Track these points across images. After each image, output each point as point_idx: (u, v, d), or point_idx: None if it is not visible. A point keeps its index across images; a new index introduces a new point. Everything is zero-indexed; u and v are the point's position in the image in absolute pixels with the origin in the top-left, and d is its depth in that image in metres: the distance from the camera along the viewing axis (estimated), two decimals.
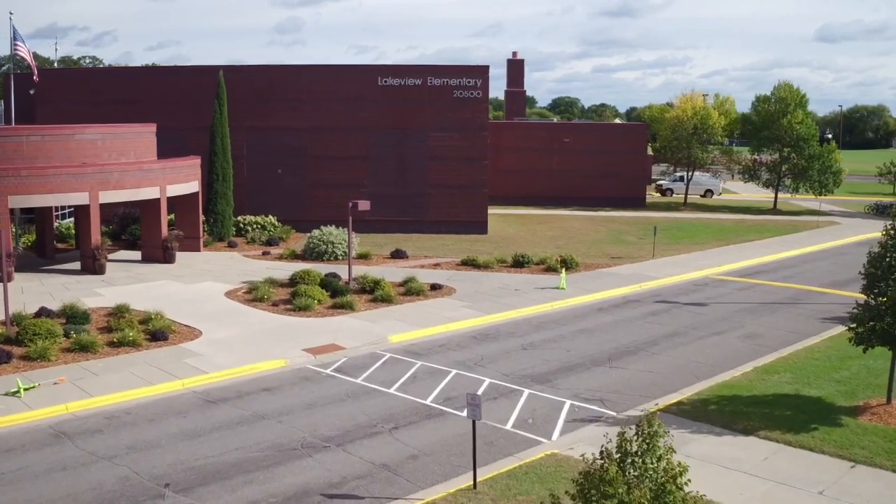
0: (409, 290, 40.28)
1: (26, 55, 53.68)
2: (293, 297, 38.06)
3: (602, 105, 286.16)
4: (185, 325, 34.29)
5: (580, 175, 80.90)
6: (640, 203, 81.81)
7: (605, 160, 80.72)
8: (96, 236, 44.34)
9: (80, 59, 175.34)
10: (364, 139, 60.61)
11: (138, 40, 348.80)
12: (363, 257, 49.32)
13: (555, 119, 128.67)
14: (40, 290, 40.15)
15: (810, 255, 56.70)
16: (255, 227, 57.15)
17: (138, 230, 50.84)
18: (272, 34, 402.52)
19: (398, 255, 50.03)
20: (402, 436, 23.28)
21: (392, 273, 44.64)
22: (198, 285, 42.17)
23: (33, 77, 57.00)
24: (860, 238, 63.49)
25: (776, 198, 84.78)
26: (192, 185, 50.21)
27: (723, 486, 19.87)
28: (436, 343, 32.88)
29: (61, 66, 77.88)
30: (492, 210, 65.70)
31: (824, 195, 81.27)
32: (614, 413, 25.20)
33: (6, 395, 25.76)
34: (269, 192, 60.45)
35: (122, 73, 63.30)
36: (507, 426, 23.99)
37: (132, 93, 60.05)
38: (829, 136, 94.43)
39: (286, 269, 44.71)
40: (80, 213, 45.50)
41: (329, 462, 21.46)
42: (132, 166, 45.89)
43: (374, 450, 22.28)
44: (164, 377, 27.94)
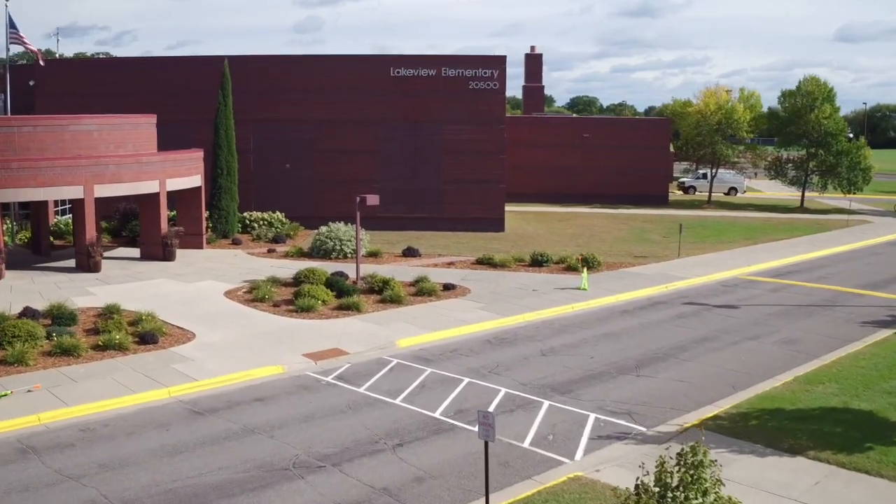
0: (421, 290, 37.78)
1: (26, 42, 51.32)
2: (296, 297, 35.62)
3: (621, 104, 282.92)
4: (177, 327, 31.89)
5: (601, 171, 78.24)
6: (662, 201, 79.03)
7: (627, 156, 78.03)
8: (91, 232, 42.03)
9: (93, 54, 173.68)
10: (375, 132, 58.15)
11: (158, 39, 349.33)
12: (373, 255, 46.86)
13: (573, 115, 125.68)
14: (30, 289, 37.85)
15: (843, 254, 53.90)
16: (261, 223, 54.79)
17: (139, 226, 48.50)
18: (291, 33, 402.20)
19: (410, 253, 47.55)
20: (406, 454, 20.75)
21: (403, 272, 42.18)
22: (196, 284, 39.79)
23: (35, 65, 54.79)
24: (893, 237, 60.66)
25: (803, 196, 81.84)
26: (195, 180, 47.84)
27: None
28: (447, 348, 30.35)
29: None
30: (509, 207, 63.16)
31: (853, 193, 78.30)
32: (643, 428, 22.62)
33: None
34: (277, 188, 58.07)
35: (125, 64, 60.99)
36: (525, 443, 21.42)
37: (135, 84, 57.76)
38: (851, 134, 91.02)
39: (291, 268, 42.31)
40: (76, 208, 43.18)
41: (323, 485, 18.96)
42: (130, 159, 43.55)
43: (375, 470, 19.77)
44: (148, 384, 25.51)
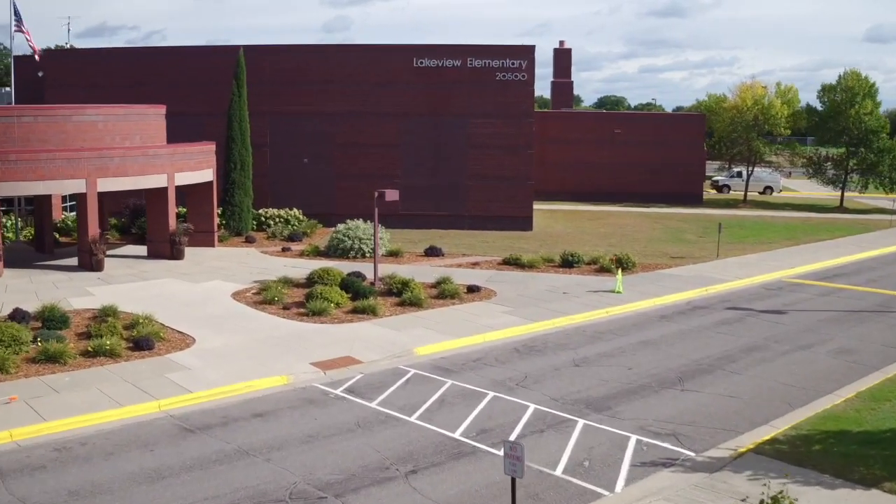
0: (443, 292, 35.09)
1: (28, 36, 49.04)
2: (308, 299, 33.00)
3: (649, 104, 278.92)
4: (177, 332, 29.36)
5: (632, 169, 75.23)
6: (696, 199, 75.87)
7: (659, 153, 74.99)
8: (94, 229, 39.62)
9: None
10: (397, 125, 55.45)
11: (187, 39, 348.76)
12: (393, 255, 44.21)
13: (603, 111, 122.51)
14: (27, 289, 35.48)
15: (890, 256, 50.77)
16: (276, 220, 52.27)
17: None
18: (320, 33, 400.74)
19: (432, 252, 44.84)
20: (421, 483, 18.04)
21: (424, 273, 39.52)
22: (203, 284, 37.28)
23: (35, 58, 52.48)
24: None
25: (843, 195, 78.43)
26: (206, 174, 45.35)
27: None
28: (471, 357, 27.62)
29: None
30: (536, 206, 60.29)
31: None
32: (692, 453, 19.81)
33: None
34: (294, 183, 55.51)
35: (136, 54, 58.62)
36: (557, 471, 18.65)
37: (147, 75, 55.39)
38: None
39: (305, 268, 39.77)
40: (78, 203, 40.76)
41: None
42: (136, 151, 41.13)
43: (384, 503, 17.09)
44: (137, 397, 22.95)
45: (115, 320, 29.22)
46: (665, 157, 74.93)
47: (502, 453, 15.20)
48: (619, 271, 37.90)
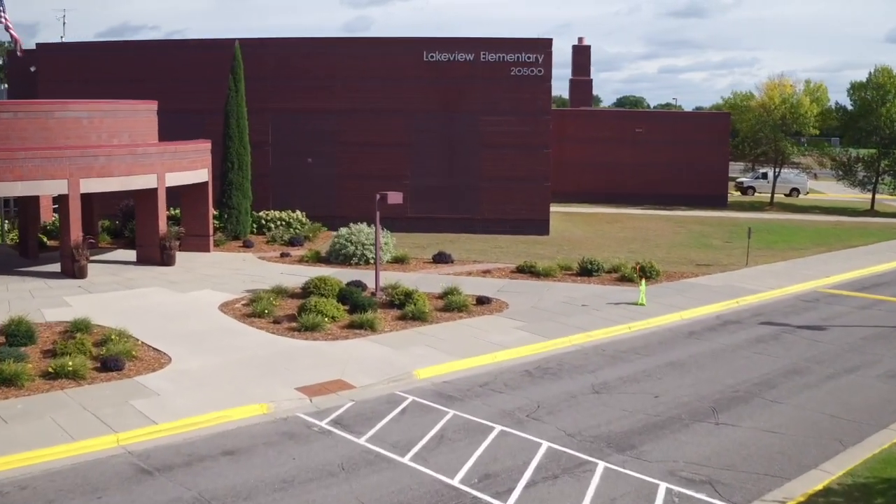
0: (450, 304, 32.12)
1: (10, 27, 46.17)
2: (301, 312, 30.06)
3: (668, 104, 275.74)
4: (153, 349, 26.50)
5: (654, 169, 72.05)
6: (720, 202, 72.59)
7: (682, 153, 71.82)
8: (76, 233, 36.85)
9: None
10: (406, 123, 52.48)
11: (209, 37, 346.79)
12: (399, 261, 41.29)
13: (624, 109, 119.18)
14: (1, 298, 32.73)
15: None
16: (277, 223, 49.42)
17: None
18: (341, 33, 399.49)
19: (441, 259, 41.88)
20: None
21: (431, 282, 36.60)
22: (191, 294, 34.44)
23: (17, 52, 49.74)
24: None
25: (874, 198, 75.06)
26: (200, 174, 42.55)
27: None
28: (477, 380, 24.63)
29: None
30: (554, 207, 57.36)
31: None
32: None
33: None
34: (297, 184, 52.65)
35: (133, 48, 55.89)
36: None
37: (145, 70, 52.68)
38: None
39: (304, 275, 36.97)
40: (60, 205, 38.03)
41: None
42: (122, 149, 38.33)
43: None
44: (94, 429, 20.05)
45: (85, 336, 26.39)
46: (688, 157, 71.77)
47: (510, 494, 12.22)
48: (643, 282, 34.79)
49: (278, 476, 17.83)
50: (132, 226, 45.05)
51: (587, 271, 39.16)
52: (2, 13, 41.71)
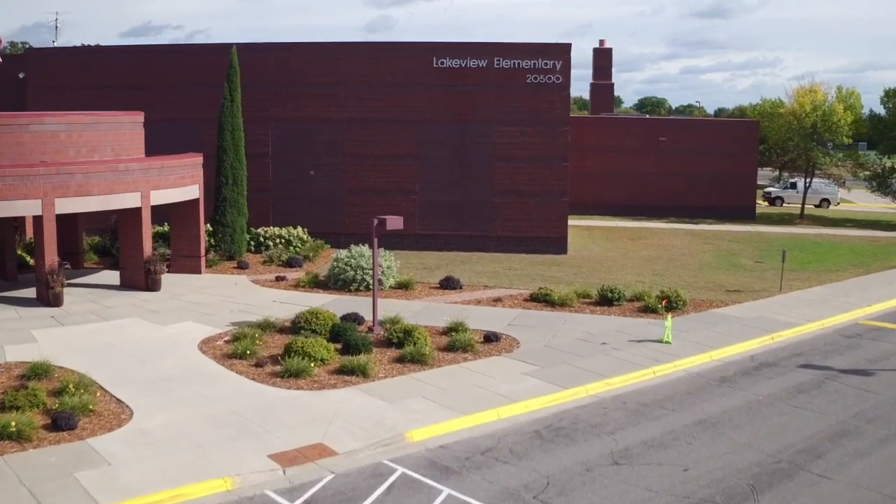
0: (454, 343, 28.93)
1: None
2: (286, 352, 26.93)
3: (689, 105, 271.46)
4: (115, 400, 23.51)
5: (679, 180, 68.54)
6: (748, 214, 68.97)
7: (709, 163, 68.28)
8: (51, 257, 33.98)
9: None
10: (415, 134, 49.22)
11: (229, 38, 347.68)
12: (403, 287, 38.15)
13: (646, 115, 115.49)
14: None
15: None
16: (277, 241, 46.33)
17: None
18: (363, 33, 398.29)
19: (449, 284, 38.66)
20: None
21: (436, 312, 33.56)
22: (171, 327, 31.42)
23: (14, 58, 47.05)
24: None
25: None
26: (190, 191, 39.57)
27: None
28: (479, 445, 21.39)
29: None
30: (572, 221, 54.12)
31: None
32: None
33: None
34: (299, 198, 49.55)
35: (127, 53, 52.89)
36: None
37: (140, 76, 49.80)
38: None
39: (298, 303, 34.11)
40: (35, 227, 35.11)
41: None
42: (102, 166, 35.34)
43: None
44: None
45: (39, 386, 23.37)
46: (714, 167, 68.26)
47: None
48: (669, 317, 31.41)
49: None
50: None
51: (607, 300, 35.91)
52: None
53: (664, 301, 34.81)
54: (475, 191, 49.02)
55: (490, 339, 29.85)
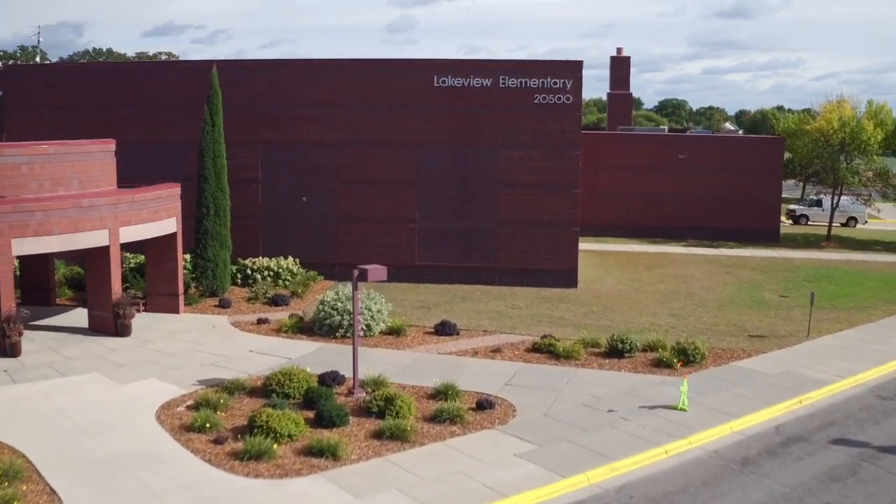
0: (441, 412, 25.71)
1: None
2: (250, 427, 23.82)
3: (710, 108, 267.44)
4: (48, 491, 20.57)
5: (698, 200, 65.09)
6: (772, 236, 65.36)
7: (730, 182, 64.83)
8: (7, 303, 31.05)
9: (156, 54, 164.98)
10: (414, 158, 45.99)
11: (251, 38, 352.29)
12: (395, 333, 34.98)
13: (665, 127, 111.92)
14: None
15: None
16: (265, 274, 43.28)
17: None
18: (384, 33, 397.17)
19: (445, 330, 35.42)
20: None
21: (427, 367, 30.55)
22: (133, 387, 28.38)
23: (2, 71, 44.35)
24: None
25: None
26: (166, 225, 36.60)
27: None
28: None
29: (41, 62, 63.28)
30: (584, 244, 50.90)
31: None
32: None
33: None
34: (291, 226, 46.51)
35: (110, 71, 50.20)
36: None
37: (122, 95, 46.99)
38: None
39: (277, 354, 31.32)
40: None
41: None
42: (65, 202, 32.33)
43: None
44: None
45: None
46: (737, 186, 64.78)
47: None
48: (685, 381, 28.05)
49: None
50: None
51: (617, 351, 32.65)
52: None
53: (680, 363, 31.40)
54: (478, 219, 45.78)
55: (483, 405, 26.63)
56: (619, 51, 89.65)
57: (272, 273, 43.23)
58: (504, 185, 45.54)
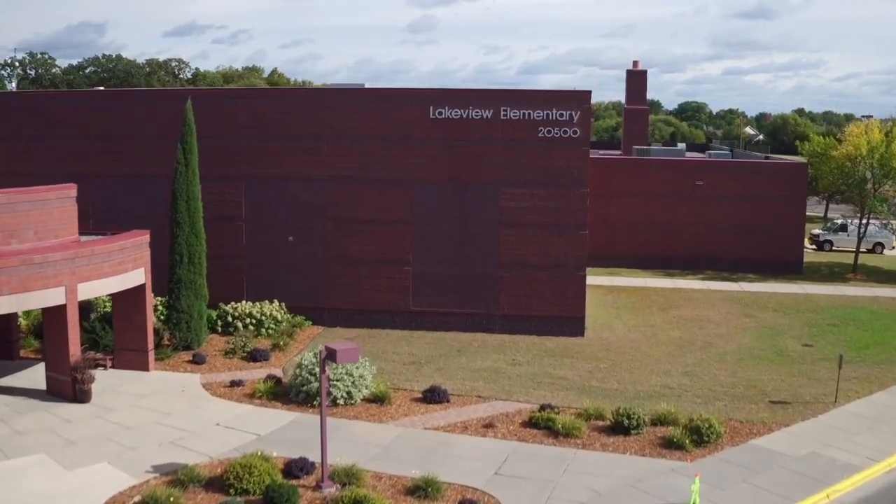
0: None
1: None
2: None
3: (731, 111, 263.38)
4: None
5: (716, 229, 61.38)
6: (795, 268, 61.58)
7: (751, 210, 61.06)
8: None
9: (148, 60, 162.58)
10: (409, 195, 42.57)
11: (272, 38, 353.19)
12: (378, 400, 31.79)
13: (683, 145, 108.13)
14: None
15: None
16: (246, 321, 40.16)
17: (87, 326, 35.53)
18: (405, 33, 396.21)
19: (434, 397, 32.14)
20: None
21: (410, 447, 27.61)
22: (79, 474, 25.41)
23: None
24: None
25: None
26: (132, 277, 33.60)
27: None
28: None
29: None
30: (595, 277, 47.66)
31: None
32: None
33: None
34: (277, 267, 43.39)
35: (86, 98, 47.33)
36: None
37: (99, 124, 44.16)
38: None
39: (245, 429, 28.56)
40: None
41: None
42: (14, 258, 29.32)
43: None
44: None
45: None
46: (757, 215, 61.04)
47: None
48: (697, 479, 24.63)
49: None
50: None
51: (623, 428, 29.36)
52: None
53: (691, 451, 28.06)
54: (478, 262, 42.45)
55: None
56: (635, 64, 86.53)
57: (254, 321, 40.12)
58: (505, 226, 42.17)
